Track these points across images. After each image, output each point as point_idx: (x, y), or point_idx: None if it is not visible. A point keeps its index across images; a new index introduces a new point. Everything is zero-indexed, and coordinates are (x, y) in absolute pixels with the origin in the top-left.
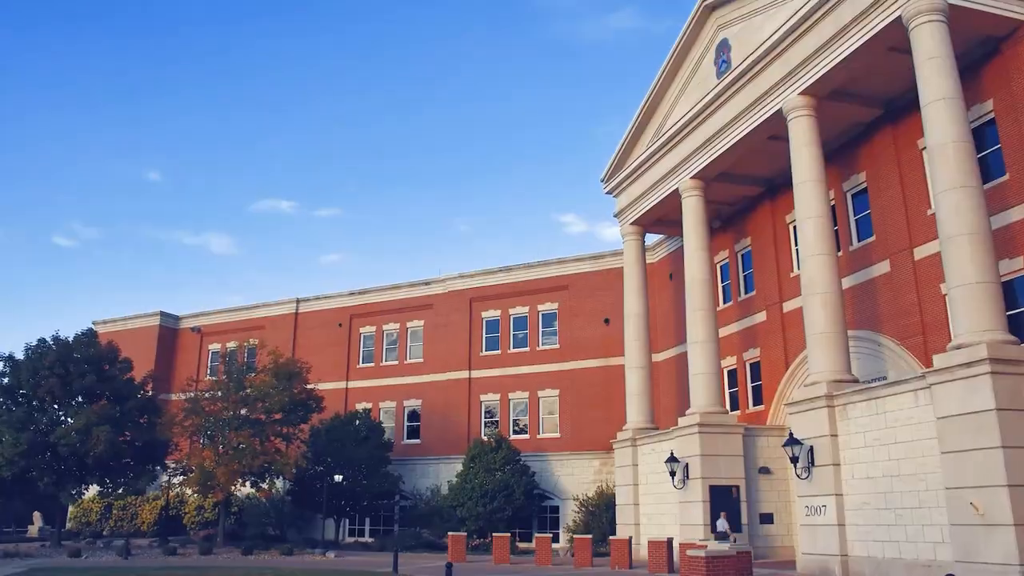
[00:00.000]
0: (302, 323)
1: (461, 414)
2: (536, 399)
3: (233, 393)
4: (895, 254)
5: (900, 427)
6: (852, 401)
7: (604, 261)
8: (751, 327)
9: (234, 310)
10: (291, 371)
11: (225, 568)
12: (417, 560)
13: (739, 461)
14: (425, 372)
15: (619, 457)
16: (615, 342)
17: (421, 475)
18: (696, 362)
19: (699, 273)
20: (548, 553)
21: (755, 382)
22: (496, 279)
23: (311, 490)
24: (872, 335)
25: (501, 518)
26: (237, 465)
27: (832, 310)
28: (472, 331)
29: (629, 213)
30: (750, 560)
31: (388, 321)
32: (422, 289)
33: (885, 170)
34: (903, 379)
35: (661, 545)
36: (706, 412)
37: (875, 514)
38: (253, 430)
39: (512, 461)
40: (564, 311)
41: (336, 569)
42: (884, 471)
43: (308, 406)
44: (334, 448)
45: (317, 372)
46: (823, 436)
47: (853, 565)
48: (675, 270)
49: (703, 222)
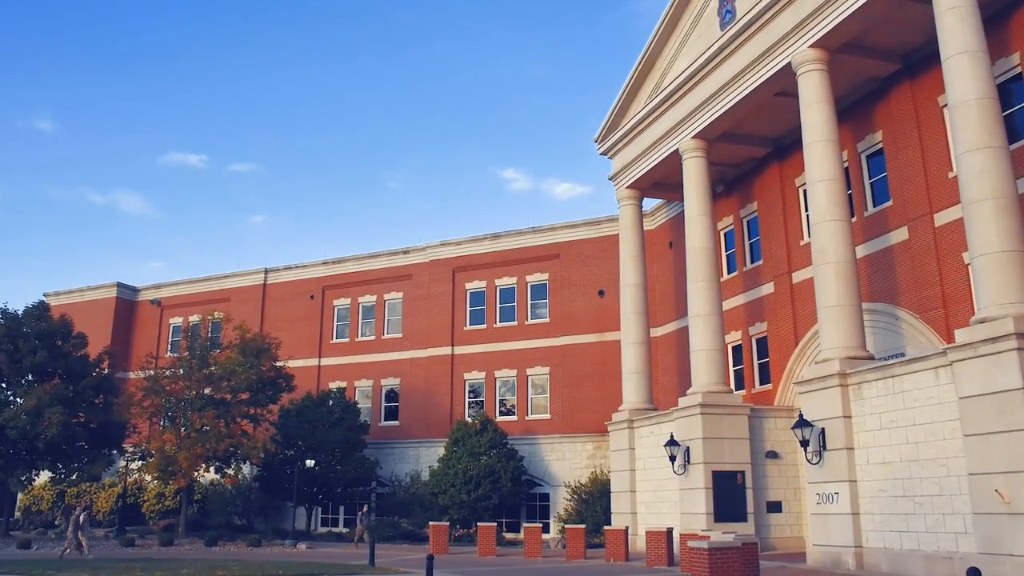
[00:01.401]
0: (271, 295)
1: (443, 394)
2: (525, 377)
3: (196, 371)
4: (914, 220)
5: (919, 408)
6: (867, 380)
7: (599, 228)
8: (758, 299)
9: (197, 281)
10: (259, 347)
11: (187, 561)
12: (396, 552)
13: (744, 445)
14: (404, 348)
15: (614, 440)
16: (610, 315)
17: (400, 460)
18: (698, 337)
19: (701, 241)
20: (537, 544)
21: (762, 359)
22: (481, 247)
23: (280, 476)
24: (889, 308)
25: (486, 506)
26: (200, 449)
27: (845, 281)
28: (455, 303)
29: (625, 176)
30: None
31: (364, 293)
32: (401, 258)
33: (903, 129)
34: (922, 356)
35: (660, 536)
36: (709, 391)
37: (892, 502)
38: (218, 411)
39: (498, 445)
40: (555, 282)
41: (308, 562)
42: (902, 455)
43: (277, 385)
44: (305, 431)
45: (287, 348)
46: (836, 417)
47: (868, 557)
48: (675, 237)
49: (705, 185)
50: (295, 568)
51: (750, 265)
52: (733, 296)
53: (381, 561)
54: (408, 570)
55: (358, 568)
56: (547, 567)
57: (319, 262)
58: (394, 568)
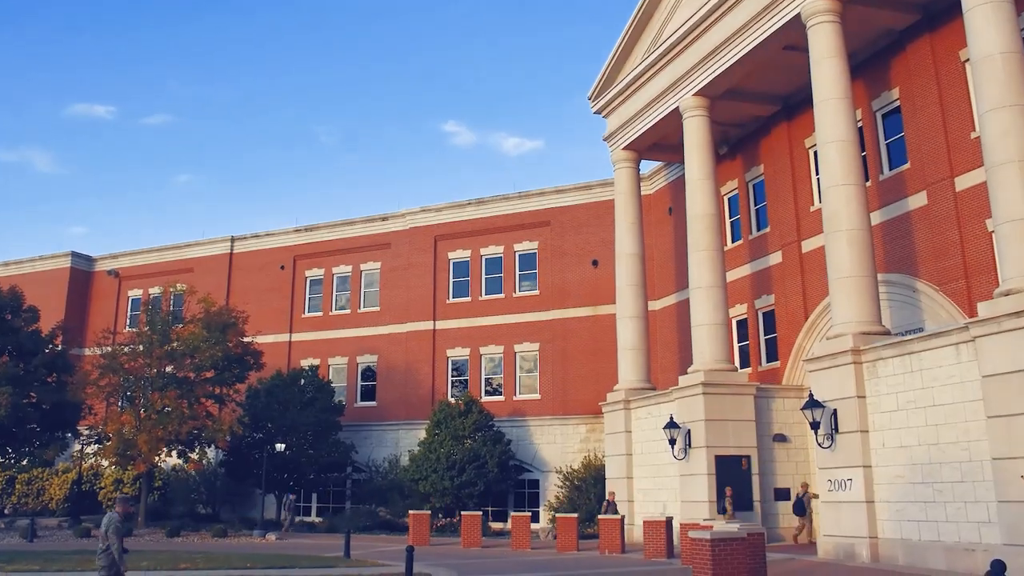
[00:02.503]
0: (238, 265)
1: (424, 372)
2: (512, 354)
3: (157, 347)
4: (933, 184)
5: (939, 387)
6: (883, 357)
7: (592, 192)
8: (764, 270)
9: (158, 250)
10: (225, 321)
11: (148, 553)
12: (373, 543)
13: (750, 427)
14: (382, 323)
15: (609, 422)
16: (605, 287)
17: (377, 443)
18: (700, 311)
19: (703, 206)
20: (526, 535)
21: (769, 334)
22: (465, 213)
23: (248, 461)
24: (906, 279)
25: (471, 494)
26: (162, 432)
27: (859, 250)
28: (437, 274)
29: (621, 136)
30: (763, 543)
31: (339, 263)
32: (379, 225)
33: (921, 86)
34: (942, 330)
35: (659, 526)
36: (712, 369)
37: (909, 489)
38: (180, 391)
39: (484, 427)
40: (545, 251)
41: (278, 554)
42: (920, 439)
43: (245, 363)
44: (275, 412)
45: (255, 323)
46: (849, 398)
47: (883, 549)
48: (675, 203)
49: (708, 147)
50: (264, 560)
51: (756, 233)
52: (738, 266)
53: (357, 553)
54: (386, 563)
55: (332, 560)
56: (537, 560)
57: (290, 230)
58: (371, 560)
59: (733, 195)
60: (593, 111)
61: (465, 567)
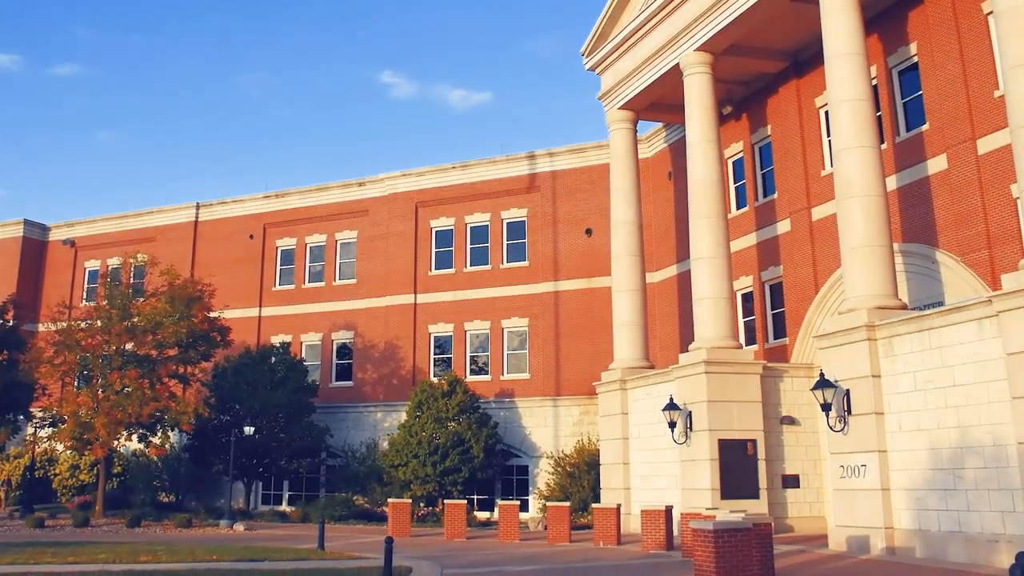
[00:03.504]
0: (203, 234)
1: (405, 349)
2: (500, 331)
3: (116, 323)
4: (953, 147)
5: (960, 366)
6: (899, 333)
7: (585, 155)
8: (771, 239)
9: (117, 218)
10: (190, 295)
11: (106, 544)
12: (349, 534)
13: (756, 408)
14: (359, 296)
15: (604, 404)
16: (600, 258)
17: (354, 426)
18: (702, 283)
19: (705, 171)
20: (515, 525)
21: (776, 309)
22: (448, 178)
23: (215, 445)
24: (924, 249)
25: (455, 481)
26: (121, 414)
27: (874, 217)
28: (418, 244)
29: (616, 95)
30: (771, 534)
31: (312, 232)
32: (355, 191)
33: (941, 41)
34: (963, 304)
35: (658, 515)
36: (715, 347)
37: (928, 476)
38: (141, 370)
39: (469, 409)
40: (535, 219)
41: (247, 545)
42: (939, 422)
43: (211, 339)
44: (244, 392)
45: (223, 296)
46: (863, 377)
47: (900, 540)
48: (675, 167)
49: (711, 106)
50: (232, 553)
51: (763, 199)
52: (743, 235)
53: (332, 545)
54: (363, 555)
55: (305, 553)
56: (526, 552)
57: (259, 196)
58: (347, 552)
59: (738, 158)
60: (587, 68)
61: (448, 560)
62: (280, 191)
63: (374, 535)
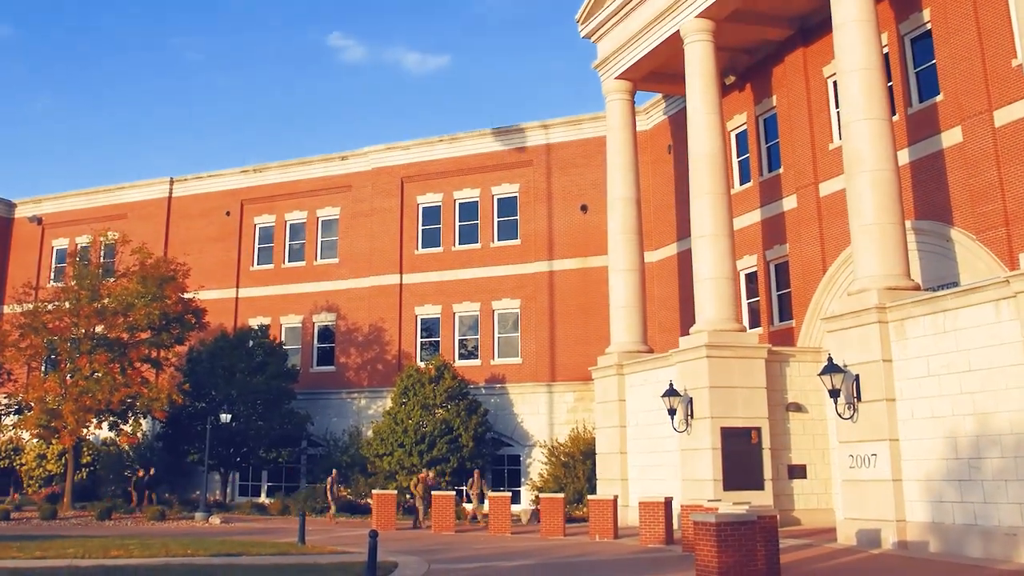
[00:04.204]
0: (178, 211)
1: (390, 332)
2: (490, 313)
3: (85, 304)
4: (969, 119)
5: (976, 350)
6: (912, 315)
7: (580, 128)
8: (777, 216)
9: (86, 193)
10: (163, 275)
11: (75, 538)
12: (331, 527)
13: (761, 395)
14: (342, 276)
15: (600, 390)
16: (596, 236)
17: (336, 414)
18: (703, 263)
19: (707, 144)
20: (506, 518)
21: (782, 290)
22: (435, 152)
23: (189, 434)
24: (938, 227)
25: (443, 471)
26: (90, 400)
27: (885, 193)
28: (404, 221)
29: (614, 64)
30: (776, 527)
31: (292, 208)
32: (338, 165)
33: (956, 7)
34: (980, 285)
35: (657, 507)
36: (717, 330)
37: (942, 466)
38: (112, 354)
39: (458, 395)
40: (527, 195)
41: (224, 539)
42: (954, 408)
43: (185, 322)
44: (220, 378)
45: (198, 276)
46: (873, 362)
47: (912, 534)
48: (676, 140)
49: (713, 76)
50: (208, 547)
51: (768, 174)
52: (747, 212)
53: (314, 538)
54: (346, 549)
55: (285, 547)
56: (518, 547)
57: (236, 170)
58: (329, 547)
59: (741, 131)
60: (581, 35)
61: (436, 555)
62: (258, 165)
63: (358, 528)
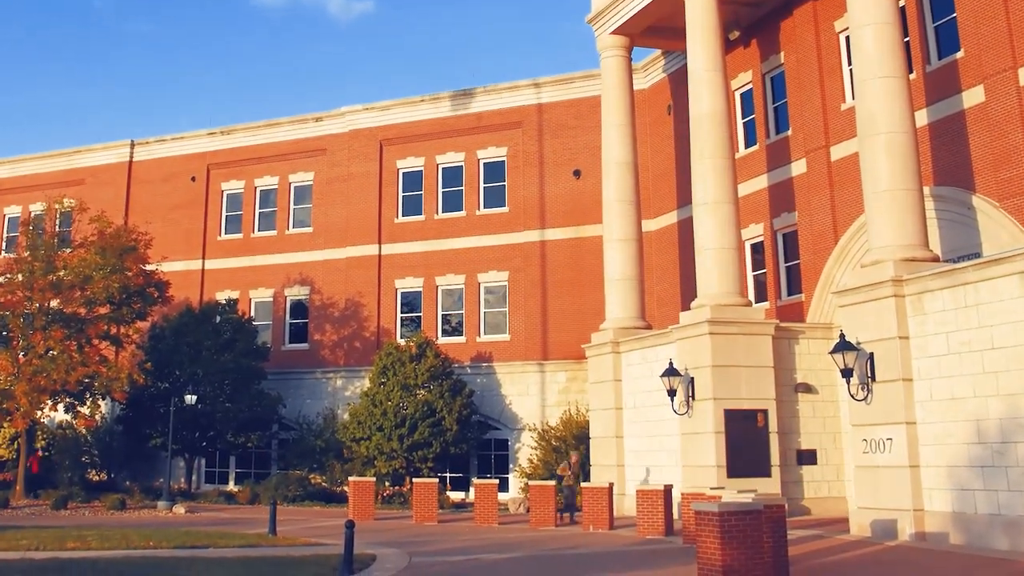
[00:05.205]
0: (139, 176)
1: (368, 307)
2: (476, 286)
3: (39, 277)
4: (992, 77)
5: (1000, 326)
6: (930, 288)
7: (572, 87)
8: (785, 182)
9: (41, 157)
10: (123, 245)
11: (28, 529)
12: (305, 517)
13: (768, 374)
14: (316, 247)
15: (594, 369)
16: (589, 203)
17: (310, 395)
18: (705, 232)
19: (710, 104)
20: (493, 507)
21: (791, 261)
22: (418, 112)
23: (152, 416)
24: (958, 193)
25: (425, 457)
26: (45, 380)
27: (901, 157)
28: (383, 187)
29: (609, 17)
30: (784, 516)
31: (263, 174)
32: (312, 127)
33: None
34: (1004, 256)
35: (656, 496)
36: (720, 304)
37: (963, 451)
38: (68, 330)
39: (441, 374)
40: (516, 159)
41: (189, 530)
42: (976, 389)
43: (148, 296)
44: (184, 356)
45: (161, 247)
46: (888, 339)
47: (931, 524)
48: (676, 100)
49: (716, 31)
50: (171, 538)
51: (775, 136)
52: (753, 177)
53: (285, 529)
54: (321, 541)
55: (254, 538)
56: (506, 539)
57: (203, 132)
58: (302, 538)
59: (747, 90)
60: None
61: (418, 547)
62: (226, 127)
63: (333, 518)
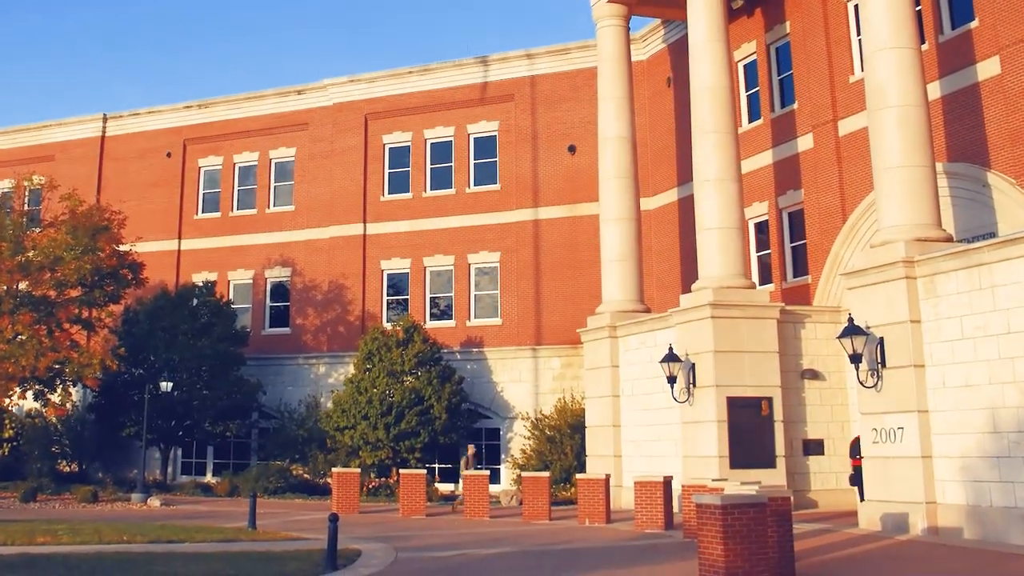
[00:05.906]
0: (112, 152)
1: (353, 290)
2: (466, 267)
3: (7, 258)
4: (1008, 48)
5: (1017, 309)
6: (943, 270)
7: (568, 58)
8: (791, 157)
9: (9, 132)
10: (95, 225)
11: None
12: (286, 510)
13: (773, 360)
14: (298, 226)
15: (591, 354)
16: (585, 181)
17: (292, 382)
18: (707, 211)
19: (712, 76)
20: (484, 500)
21: (797, 241)
22: (406, 85)
23: (126, 404)
24: (973, 170)
25: (413, 447)
26: (13, 367)
27: (913, 132)
28: (369, 164)
29: None
30: (790, 509)
31: (242, 149)
32: (294, 100)
33: None
34: (1020, 236)
35: (655, 488)
36: (723, 286)
37: (978, 441)
38: (38, 314)
39: (429, 360)
40: (508, 134)
41: (164, 524)
42: (992, 376)
43: (121, 277)
44: (160, 341)
45: (135, 226)
46: (899, 322)
47: (944, 518)
48: (676, 72)
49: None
50: (146, 532)
51: (780, 110)
52: (757, 153)
53: (266, 523)
54: (303, 535)
55: (233, 533)
56: (497, 533)
57: (179, 106)
58: (283, 532)
59: (750, 61)
60: None
61: (405, 542)
62: (203, 100)
63: (316, 511)
